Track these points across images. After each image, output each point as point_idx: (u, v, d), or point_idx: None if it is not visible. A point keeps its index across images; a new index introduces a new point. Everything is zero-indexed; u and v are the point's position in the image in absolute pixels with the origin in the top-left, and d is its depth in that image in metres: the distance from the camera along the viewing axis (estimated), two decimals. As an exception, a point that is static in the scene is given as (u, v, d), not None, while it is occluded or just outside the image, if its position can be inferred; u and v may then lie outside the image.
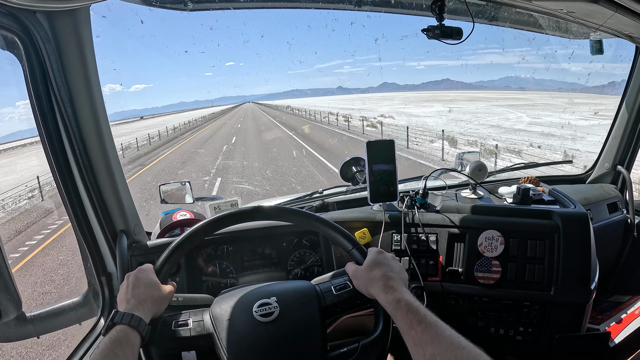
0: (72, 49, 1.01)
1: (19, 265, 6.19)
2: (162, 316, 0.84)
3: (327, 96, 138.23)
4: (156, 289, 0.84)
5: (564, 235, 1.25)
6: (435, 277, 1.31)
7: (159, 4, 1.21)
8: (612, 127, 1.86)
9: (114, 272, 1.26)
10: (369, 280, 0.83)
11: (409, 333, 0.70)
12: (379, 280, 0.81)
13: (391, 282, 0.80)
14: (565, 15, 1.40)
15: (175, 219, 1.37)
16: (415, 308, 0.73)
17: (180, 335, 0.81)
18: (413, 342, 0.69)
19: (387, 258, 0.88)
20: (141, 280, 0.84)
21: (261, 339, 0.79)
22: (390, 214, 1.35)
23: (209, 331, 0.81)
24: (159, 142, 23.52)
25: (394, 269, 0.84)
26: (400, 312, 0.73)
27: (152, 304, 0.81)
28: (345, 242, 0.95)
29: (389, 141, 1.27)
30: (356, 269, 0.88)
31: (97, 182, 1.16)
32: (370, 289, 0.82)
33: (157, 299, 0.83)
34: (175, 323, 0.82)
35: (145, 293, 0.82)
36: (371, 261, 0.86)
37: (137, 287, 0.82)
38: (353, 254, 0.93)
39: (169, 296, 0.86)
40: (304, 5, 1.41)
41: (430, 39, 1.26)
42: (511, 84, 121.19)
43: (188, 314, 0.85)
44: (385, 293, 0.78)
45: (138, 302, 0.79)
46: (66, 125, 1.08)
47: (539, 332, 1.30)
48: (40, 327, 1.22)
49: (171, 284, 0.90)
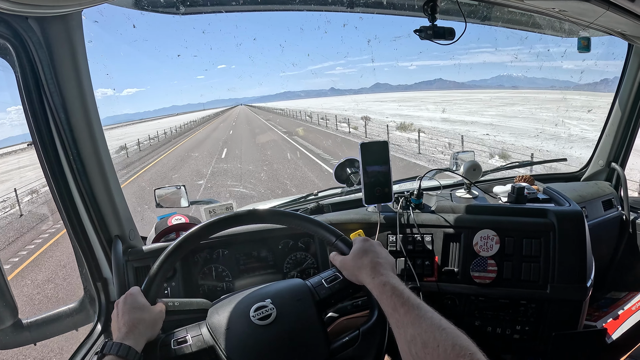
0: (64, 54, 1.01)
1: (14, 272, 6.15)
2: (159, 337, 0.83)
3: (320, 98, 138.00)
4: (146, 312, 0.82)
5: (559, 233, 1.25)
6: (431, 278, 1.31)
7: (151, 8, 1.21)
8: (606, 124, 1.87)
9: (110, 278, 1.25)
10: (357, 268, 0.84)
11: (392, 315, 0.71)
12: (367, 266, 0.82)
13: (378, 267, 0.81)
14: (557, 14, 1.41)
15: (171, 224, 1.36)
16: (399, 291, 0.73)
17: (182, 353, 0.79)
18: (396, 324, 0.69)
19: (373, 245, 0.89)
20: (129, 305, 0.82)
21: (263, 342, 0.79)
22: (385, 215, 1.36)
23: (209, 344, 0.80)
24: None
25: (380, 255, 0.85)
26: (385, 295, 0.74)
27: (145, 328, 0.80)
28: (328, 235, 0.95)
29: (383, 142, 1.27)
30: (343, 259, 0.89)
31: (91, 187, 1.16)
32: (359, 276, 0.83)
33: (150, 322, 0.81)
34: (174, 342, 0.81)
35: (135, 318, 0.80)
36: (358, 249, 0.87)
37: (125, 314, 0.80)
38: (337, 245, 0.93)
39: (160, 316, 0.84)
40: (297, 7, 1.41)
41: (422, 39, 1.26)
42: (504, 82, 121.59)
43: (185, 330, 0.84)
44: (372, 278, 0.79)
45: (128, 329, 0.78)
46: (59, 130, 1.08)
47: (536, 330, 1.31)
48: (37, 333, 1.22)
49: (161, 302, 0.87)
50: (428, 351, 0.61)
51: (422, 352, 0.62)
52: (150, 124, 58.75)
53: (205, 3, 1.21)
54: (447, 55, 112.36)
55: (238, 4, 1.20)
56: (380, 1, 1.37)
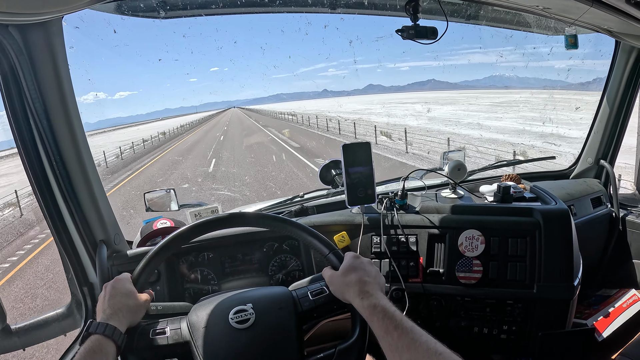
0: (45, 60, 1.01)
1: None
2: (139, 325, 0.84)
3: (312, 100, 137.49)
4: (132, 298, 0.84)
5: (545, 232, 1.25)
6: (416, 279, 1.30)
7: (131, 13, 1.21)
8: (594, 121, 1.86)
9: (96, 282, 1.26)
10: (344, 286, 0.83)
11: (385, 339, 0.70)
12: (355, 285, 0.80)
13: (367, 287, 0.80)
14: (541, 12, 1.40)
15: (156, 227, 1.37)
16: (391, 313, 0.72)
17: (157, 343, 0.81)
18: (389, 348, 0.69)
19: (363, 263, 0.87)
20: (117, 290, 0.84)
21: (237, 346, 0.80)
22: (369, 217, 1.35)
23: (185, 339, 0.82)
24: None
25: (369, 274, 0.84)
26: (376, 318, 0.73)
27: (128, 313, 0.82)
28: (321, 247, 0.94)
29: (365, 143, 1.27)
30: (332, 274, 0.88)
31: (75, 193, 1.16)
32: (345, 294, 0.82)
33: (133, 308, 0.83)
34: (152, 331, 0.83)
35: (121, 302, 0.82)
36: (347, 266, 0.86)
37: (112, 297, 0.83)
38: (329, 259, 0.92)
39: (145, 304, 0.87)
40: (295, 9, 1.41)
41: (405, 39, 1.26)
42: (496, 82, 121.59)
43: (166, 322, 0.86)
44: (360, 298, 0.78)
45: (113, 311, 0.80)
46: (42, 136, 1.08)
47: (524, 330, 1.31)
48: (26, 339, 1.23)
49: (148, 292, 0.90)
50: None
51: None
52: (127, 130, 56.02)
53: (185, 7, 1.21)
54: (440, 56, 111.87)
55: (218, 7, 1.20)
56: (362, 2, 1.36)
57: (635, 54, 1.66)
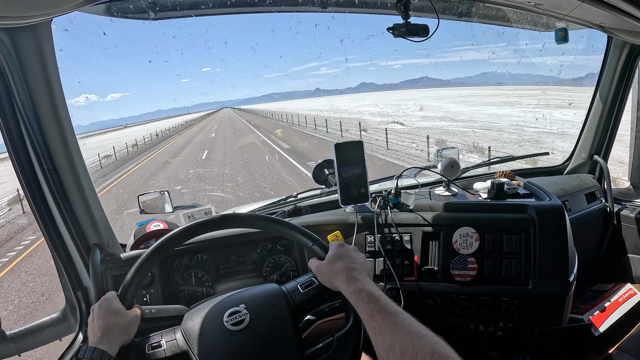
0: (34, 64, 1.00)
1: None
2: (134, 342, 0.83)
3: (305, 99, 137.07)
4: (121, 316, 0.83)
5: (539, 229, 1.25)
6: (411, 277, 1.30)
7: (121, 15, 1.20)
8: (587, 117, 1.87)
9: (90, 286, 1.25)
10: (332, 274, 0.83)
11: (369, 322, 0.70)
12: (342, 272, 0.81)
13: (353, 272, 0.80)
14: (533, 8, 1.40)
15: (149, 230, 1.36)
16: (376, 297, 0.72)
17: (156, 357, 0.80)
18: (373, 332, 0.69)
19: (348, 250, 0.88)
20: (104, 310, 0.83)
21: (236, 348, 0.79)
22: (362, 215, 1.35)
23: (183, 349, 0.81)
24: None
25: (356, 260, 0.84)
26: (361, 302, 0.73)
27: (118, 332, 0.81)
28: (305, 240, 0.94)
29: (358, 142, 1.26)
30: (319, 265, 0.88)
31: (67, 196, 1.15)
32: (334, 282, 0.83)
33: (124, 326, 0.82)
34: (148, 346, 0.82)
35: (110, 322, 0.81)
36: (333, 255, 0.87)
37: (100, 318, 0.82)
38: (314, 250, 0.93)
39: (134, 320, 0.85)
40: (285, 8, 1.40)
41: (396, 37, 1.26)
42: (488, 79, 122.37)
43: (160, 335, 0.85)
44: (347, 284, 0.78)
45: (103, 333, 0.79)
46: (33, 141, 1.08)
47: (519, 326, 1.30)
48: (21, 344, 1.22)
49: (137, 307, 0.88)
50: (406, 359, 0.61)
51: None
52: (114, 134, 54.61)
53: (174, 7, 1.21)
54: (433, 54, 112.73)
55: (208, 7, 1.20)
56: (353, 0, 1.36)
57: (628, 49, 1.67)
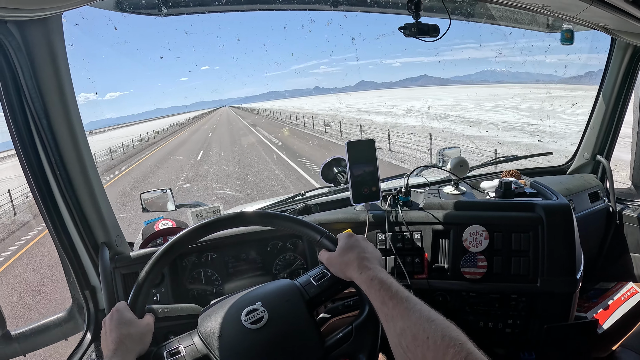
0: (44, 58, 0.99)
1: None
2: (151, 350, 0.81)
3: (304, 97, 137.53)
4: (133, 326, 0.81)
5: (547, 227, 1.26)
6: (421, 275, 1.31)
7: (133, 10, 1.19)
8: (590, 117, 1.89)
9: (98, 286, 1.23)
10: (344, 264, 0.83)
11: (381, 309, 0.70)
12: (354, 261, 0.81)
13: (365, 261, 0.81)
14: (541, 10, 1.42)
15: (158, 228, 1.35)
16: (388, 284, 0.73)
17: None
18: (385, 318, 0.69)
19: (358, 240, 0.88)
20: (115, 322, 0.81)
21: (257, 346, 0.78)
22: (373, 214, 1.35)
23: (203, 353, 0.79)
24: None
25: (366, 250, 0.85)
26: (373, 289, 0.74)
27: (132, 343, 0.79)
28: (312, 233, 0.94)
29: (369, 141, 1.26)
30: (330, 256, 0.88)
31: (75, 194, 1.14)
32: (346, 272, 0.83)
33: (137, 336, 0.80)
34: (167, 354, 0.79)
35: (122, 333, 0.79)
36: (344, 245, 0.87)
37: (112, 331, 0.80)
38: (323, 243, 0.92)
39: (148, 329, 0.83)
40: (280, 6, 1.40)
41: (407, 37, 1.26)
42: (488, 77, 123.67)
43: (177, 341, 0.82)
44: (359, 273, 0.79)
45: (116, 346, 0.77)
46: (41, 137, 1.06)
47: (528, 323, 1.32)
48: (26, 345, 1.20)
49: (149, 315, 0.86)
50: (418, 343, 0.61)
51: (412, 344, 0.62)
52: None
53: (187, 4, 1.20)
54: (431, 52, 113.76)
55: (220, 4, 1.19)
56: (365, -1, 1.36)
57: (631, 51, 1.69)
